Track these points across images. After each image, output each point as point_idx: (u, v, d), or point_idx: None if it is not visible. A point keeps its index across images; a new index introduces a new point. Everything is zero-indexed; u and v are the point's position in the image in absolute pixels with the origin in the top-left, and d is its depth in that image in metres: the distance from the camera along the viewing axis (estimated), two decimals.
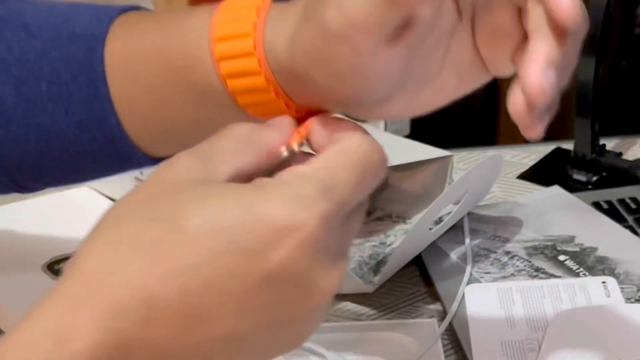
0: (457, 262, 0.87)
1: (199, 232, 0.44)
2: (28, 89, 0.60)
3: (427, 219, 0.83)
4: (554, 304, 0.78)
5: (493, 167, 0.91)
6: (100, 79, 0.59)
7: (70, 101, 0.60)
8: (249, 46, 0.53)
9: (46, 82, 0.60)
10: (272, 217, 0.45)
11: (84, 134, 0.60)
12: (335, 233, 0.47)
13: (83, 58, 0.60)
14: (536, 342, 0.74)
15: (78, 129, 0.60)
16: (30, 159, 0.62)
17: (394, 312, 0.85)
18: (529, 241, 0.89)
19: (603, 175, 1.04)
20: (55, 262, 0.85)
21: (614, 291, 0.80)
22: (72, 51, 0.60)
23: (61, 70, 0.60)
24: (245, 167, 0.48)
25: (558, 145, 1.11)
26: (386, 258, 0.88)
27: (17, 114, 0.61)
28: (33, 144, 0.61)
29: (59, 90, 0.60)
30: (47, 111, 0.60)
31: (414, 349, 0.76)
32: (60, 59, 0.60)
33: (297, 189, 0.46)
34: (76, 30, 0.60)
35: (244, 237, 0.44)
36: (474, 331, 0.76)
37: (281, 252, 0.45)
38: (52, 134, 0.61)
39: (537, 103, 0.48)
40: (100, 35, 0.60)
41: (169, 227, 0.45)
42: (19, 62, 0.61)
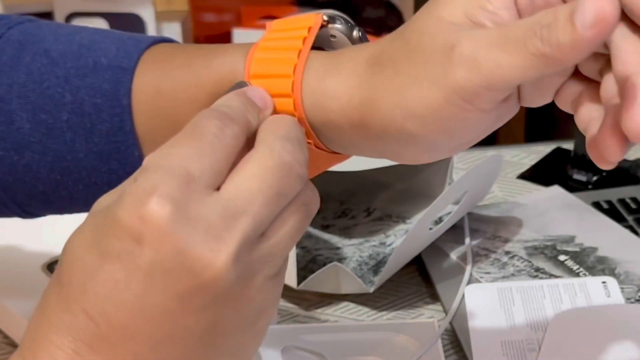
0: (457, 262, 0.87)
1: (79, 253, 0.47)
2: (47, 116, 0.59)
3: (427, 219, 0.83)
4: (554, 304, 0.78)
5: (493, 167, 0.91)
6: (126, 112, 0.58)
7: (92, 132, 0.58)
8: (286, 87, 0.53)
9: (67, 112, 0.58)
10: (123, 219, 0.46)
11: (102, 165, 0.59)
12: (196, 203, 0.46)
13: (109, 89, 0.58)
14: (536, 342, 0.74)
15: (97, 160, 0.59)
16: (42, 187, 0.60)
17: (394, 312, 0.85)
18: (529, 241, 0.89)
19: (603, 175, 1.04)
20: (55, 262, 0.84)
21: (614, 291, 0.80)
22: (97, 82, 0.58)
23: (84, 100, 0.58)
24: None
25: (558, 145, 1.11)
26: (386, 258, 0.88)
27: (32, 140, 0.59)
28: (47, 172, 0.60)
29: (80, 120, 0.58)
30: (65, 140, 0.59)
31: (414, 349, 0.76)
32: (84, 89, 0.58)
33: (140, 183, 0.46)
34: (102, 61, 0.59)
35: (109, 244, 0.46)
36: (474, 331, 0.76)
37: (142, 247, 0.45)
38: (69, 162, 0.59)
39: None
40: (129, 67, 0.58)
41: (61, 260, 0.48)
42: (38, 88, 0.59)
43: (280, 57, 0.53)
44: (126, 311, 0.46)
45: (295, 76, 0.53)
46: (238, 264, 0.46)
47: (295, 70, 0.53)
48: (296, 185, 0.49)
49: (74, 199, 0.61)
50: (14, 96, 0.59)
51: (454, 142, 0.52)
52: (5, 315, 0.81)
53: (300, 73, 0.53)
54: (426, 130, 0.50)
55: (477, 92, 0.48)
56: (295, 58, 0.53)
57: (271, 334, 0.64)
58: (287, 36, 0.54)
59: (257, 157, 0.48)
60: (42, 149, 0.59)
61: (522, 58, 0.46)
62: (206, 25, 1.70)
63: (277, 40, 0.54)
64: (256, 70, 0.54)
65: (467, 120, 0.49)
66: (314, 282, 0.84)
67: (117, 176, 0.60)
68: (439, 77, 0.48)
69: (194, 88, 0.56)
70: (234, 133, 0.48)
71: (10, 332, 0.81)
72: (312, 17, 0.55)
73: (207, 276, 0.46)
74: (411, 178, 0.96)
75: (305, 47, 0.53)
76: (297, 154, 0.49)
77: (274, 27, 0.55)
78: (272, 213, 0.48)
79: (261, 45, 0.54)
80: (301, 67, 0.53)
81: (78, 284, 0.47)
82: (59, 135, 0.59)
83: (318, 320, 0.84)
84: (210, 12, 1.71)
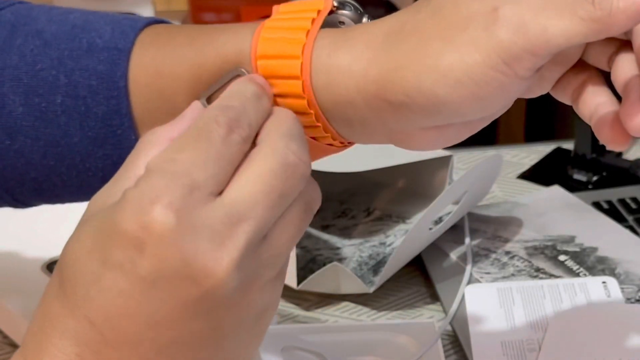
0: (457, 262, 0.87)
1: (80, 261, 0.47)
2: (40, 100, 0.58)
3: (427, 219, 0.83)
4: (554, 304, 0.78)
5: (493, 167, 0.91)
6: (123, 95, 0.57)
7: (87, 115, 0.57)
8: (295, 69, 0.52)
9: (61, 95, 0.57)
10: (124, 227, 0.45)
11: (97, 150, 0.58)
12: (198, 211, 0.46)
13: (104, 71, 0.57)
14: (536, 342, 0.74)
15: (92, 145, 0.58)
16: (34, 173, 0.59)
17: (394, 312, 0.85)
18: (529, 241, 0.89)
19: (603, 175, 1.04)
20: (55, 262, 0.84)
21: (614, 291, 0.80)
22: (92, 63, 0.57)
23: (79, 83, 0.57)
24: None
25: (558, 145, 1.11)
26: (386, 258, 0.88)
27: (25, 124, 0.58)
28: (40, 157, 0.59)
29: (74, 103, 0.57)
30: (59, 124, 0.58)
31: (414, 349, 0.76)
32: (79, 71, 0.57)
33: (143, 188, 0.46)
34: (97, 42, 0.57)
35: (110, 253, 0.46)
36: (474, 331, 0.76)
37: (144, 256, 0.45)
38: (62, 148, 0.58)
39: None
40: (125, 48, 0.57)
41: (61, 266, 0.48)
42: (31, 70, 0.58)
43: (288, 36, 0.52)
44: (130, 319, 0.46)
45: (304, 57, 0.52)
46: (241, 269, 0.46)
47: (304, 51, 0.52)
48: (299, 185, 0.48)
49: (66, 186, 0.60)
50: (6, 79, 0.58)
51: (479, 112, 0.51)
52: (5, 315, 0.81)
53: (309, 53, 0.52)
54: (457, 95, 0.50)
55: (520, 55, 0.48)
56: (304, 38, 0.52)
57: (271, 334, 0.64)
58: (296, 17, 0.53)
59: (260, 159, 0.48)
60: (35, 133, 0.58)
61: (571, 22, 0.47)
62: None
63: (285, 21, 0.53)
64: (263, 51, 0.53)
65: (501, 87, 0.49)
66: (314, 282, 0.84)
67: (112, 161, 0.58)
68: (480, 39, 0.49)
69: (197, 67, 0.55)
70: (241, 139, 0.48)
71: (10, 332, 0.81)
72: (321, 1, 0.54)
73: (210, 284, 0.46)
74: (411, 178, 0.96)
75: (313, 27, 0.53)
76: (301, 153, 0.48)
77: (282, 9, 0.54)
78: (275, 215, 0.47)
79: (268, 25, 0.53)
80: (310, 47, 0.52)
81: (82, 291, 0.47)
82: (53, 119, 0.58)
83: (318, 320, 0.84)
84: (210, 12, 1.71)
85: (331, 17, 0.55)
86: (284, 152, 0.48)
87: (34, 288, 0.82)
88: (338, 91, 0.52)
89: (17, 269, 0.84)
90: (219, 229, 0.46)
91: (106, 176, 0.57)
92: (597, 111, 0.51)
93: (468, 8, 0.49)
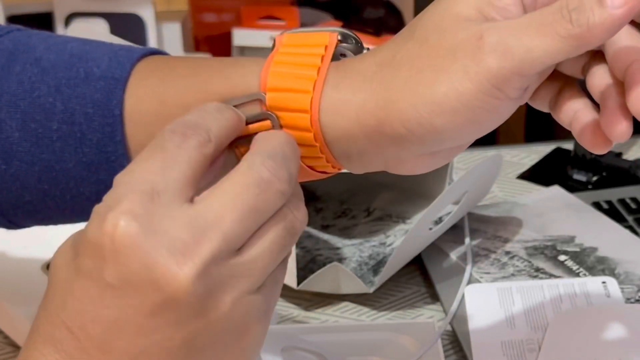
0: (457, 262, 0.87)
1: (60, 269, 0.49)
2: (37, 125, 0.59)
3: (427, 219, 0.83)
4: (554, 304, 0.78)
5: (493, 167, 0.91)
6: (118, 122, 0.58)
7: (82, 142, 0.58)
8: (305, 103, 0.53)
9: (57, 121, 0.58)
10: (89, 235, 0.47)
11: (91, 176, 0.59)
12: (160, 216, 0.47)
13: (101, 100, 0.58)
14: (536, 342, 0.74)
15: (86, 170, 0.59)
16: (29, 197, 0.60)
17: (394, 312, 0.85)
18: (529, 241, 0.89)
19: (603, 175, 1.04)
20: None
21: (614, 291, 0.80)
22: (88, 91, 0.58)
23: (75, 110, 0.58)
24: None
25: (558, 145, 1.11)
26: (386, 258, 0.88)
27: (21, 149, 0.59)
28: (35, 181, 0.60)
29: (70, 129, 0.58)
30: (54, 150, 0.59)
31: (414, 349, 0.76)
32: (75, 98, 0.58)
33: (108, 196, 0.48)
34: (94, 71, 0.59)
35: (81, 262, 0.48)
36: (474, 331, 0.76)
37: (108, 263, 0.47)
38: (57, 172, 0.59)
39: None
40: (121, 77, 0.58)
41: (49, 282, 0.50)
42: (29, 97, 0.59)
43: (300, 72, 0.53)
44: (102, 326, 0.47)
45: (315, 92, 0.53)
46: (206, 278, 0.47)
47: (315, 87, 0.53)
48: (276, 201, 0.49)
49: (60, 209, 0.61)
50: (3, 104, 0.59)
51: (476, 135, 0.53)
52: (5, 316, 0.81)
53: (319, 89, 0.53)
54: (454, 123, 0.51)
55: (508, 78, 0.50)
56: (315, 74, 0.53)
57: (271, 334, 0.64)
58: (305, 52, 0.54)
59: (235, 174, 0.49)
60: (30, 158, 0.59)
61: (553, 41, 0.49)
62: (206, 25, 1.70)
63: (294, 56, 0.54)
64: (273, 84, 0.54)
65: (495, 110, 0.51)
66: (314, 282, 0.84)
67: (105, 186, 0.59)
68: (470, 67, 0.50)
69: (205, 94, 0.56)
70: (197, 142, 0.49)
71: (10, 332, 0.81)
72: (327, 35, 0.55)
73: (173, 290, 0.46)
74: (411, 178, 0.96)
75: (324, 64, 0.54)
76: (278, 170, 0.49)
77: (286, 41, 0.55)
78: (246, 229, 0.48)
79: (277, 60, 0.54)
80: (320, 83, 0.53)
81: (59, 299, 0.48)
82: (49, 144, 0.59)
83: (318, 320, 0.84)
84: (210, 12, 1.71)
85: (335, 50, 0.55)
86: (259, 168, 0.49)
87: (34, 288, 0.82)
88: (342, 125, 0.53)
89: (17, 269, 0.84)
90: (182, 235, 0.46)
91: (100, 200, 0.59)
92: (576, 118, 0.53)
93: (454, 37, 0.51)
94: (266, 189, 0.48)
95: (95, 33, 1.41)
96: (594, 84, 0.52)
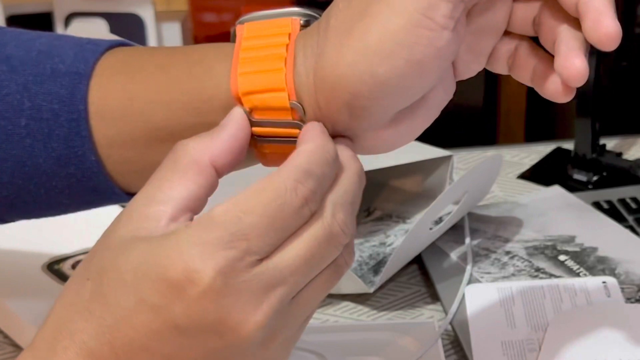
0: (457, 262, 0.87)
1: (116, 289, 0.48)
2: (6, 122, 0.59)
3: (427, 219, 0.83)
4: (554, 304, 0.78)
5: (493, 167, 0.91)
6: (82, 117, 0.58)
7: (50, 137, 0.59)
8: (284, 101, 0.53)
9: (26, 118, 0.59)
10: (169, 272, 0.47)
11: (61, 170, 0.60)
12: (244, 276, 0.47)
13: (65, 95, 0.59)
14: (536, 342, 0.74)
15: (56, 165, 0.60)
16: (6, 192, 0.61)
17: (394, 312, 0.85)
18: (529, 241, 0.89)
19: (603, 175, 1.04)
20: (55, 262, 0.85)
21: (614, 291, 0.80)
22: (54, 88, 0.59)
23: (42, 106, 0.59)
24: (191, 194, 0.50)
25: (558, 145, 1.11)
26: (386, 258, 0.88)
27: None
28: (9, 177, 0.60)
29: (38, 126, 0.59)
30: (24, 146, 0.60)
31: (414, 349, 0.76)
32: (42, 95, 0.59)
33: (201, 235, 0.47)
34: (60, 67, 0.59)
35: (149, 294, 0.47)
36: (474, 331, 0.76)
37: (182, 305, 0.47)
38: (29, 168, 0.60)
39: None
40: (85, 73, 0.59)
41: (96, 287, 0.49)
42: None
43: (267, 67, 0.53)
44: (151, 357, 0.48)
45: (288, 87, 0.53)
46: (266, 328, 0.48)
47: (287, 81, 0.53)
48: (337, 253, 0.50)
49: (37, 203, 0.62)
50: None
51: (423, 81, 0.52)
52: (5, 316, 0.81)
53: (291, 83, 0.53)
54: (395, 67, 0.50)
55: (435, 3, 0.50)
56: (283, 67, 0.53)
57: None
58: (268, 43, 0.54)
59: (308, 226, 0.49)
60: (2, 154, 0.60)
61: None
62: (206, 25, 1.70)
63: (258, 50, 0.54)
64: (246, 87, 0.53)
65: (431, 44, 0.50)
66: None
67: (76, 180, 0.60)
68: (395, 2, 0.50)
69: (173, 93, 0.57)
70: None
71: (10, 332, 0.81)
72: (289, 23, 0.55)
73: (234, 338, 0.48)
74: (411, 178, 0.96)
75: (289, 54, 0.53)
76: (347, 222, 0.50)
77: (248, 34, 0.55)
78: (308, 279, 0.49)
79: (243, 58, 0.54)
80: (291, 77, 0.53)
81: (111, 320, 0.48)
82: (19, 140, 0.60)
83: (318, 320, 0.84)
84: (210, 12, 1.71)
85: None
86: (329, 222, 0.49)
87: (35, 288, 0.82)
88: (319, 105, 0.53)
89: (18, 269, 0.84)
90: (257, 292, 0.47)
91: (72, 194, 0.61)
92: (535, 72, 0.54)
93: None
94: (334, 243, 0.50)
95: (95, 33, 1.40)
96: (544, 34, 0.53)
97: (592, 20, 0.50)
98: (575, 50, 0.51)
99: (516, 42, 0.54)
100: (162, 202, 0.49)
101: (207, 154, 0.51)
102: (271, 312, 0.48)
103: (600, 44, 0.50)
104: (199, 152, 0.51)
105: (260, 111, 0.53)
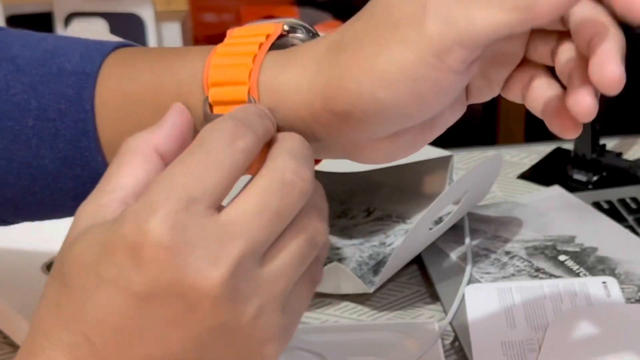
0: (457, 262, 0.87)
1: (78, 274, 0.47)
2: (13, 123, 0.59)
3: (427, 219, 0.83)
4: (554, 304, 0.78)
5: (493, 167, 0.91)
6: (89, 117, 0.58)
7: (56, 138, 0.59)
8: (242, 94, 0.53)
9: (32, 118, 0.59)
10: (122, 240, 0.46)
11: (67, 171, 0.60)
12: (194, 229, 0.46)
13: (72, 95, 0.59)
14: (536, 342, 0.74)
15: (62, 166, 0.59)
16: (10, 193, 0.61)
17: (394, 312, 0.85)
18: (529, 241, 0.89)
19: (603, 175, 1.04)
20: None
21: (614, 291, 0.80)
22: (61, 88, 0.59)
23: (49, 106, 0.59)
24: (139, 180, 0.49)
25: (558, 145, 1.11)
26: (386, 258, 0.88)
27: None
28: (14, 178, 0.60)
29: (45, 126, 0.59)
30: (31, 146, 0.59)
31: (414, 349, 0.76)
32: (49, 95, 0.59)
33: (145, 200, 0.46)
34: (66, 67, 0.59)
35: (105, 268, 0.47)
36: (474, 331, 0.76)
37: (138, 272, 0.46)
38: (35, 169, 0.60)
39: None
40: (92, 72, 0.59)
41: (60, 280, 0.48)
42: (4, 95, 0.59)
43: (236, 62, 0.53)
44: (123, 335, 0.47)
45: (251, 81, 0.53)
46: (229, 286, 0.46)
47: (251, 75, 0.53)
48: (297, 203, 0.48)
49: (42, 205, 0.61)
50: None
51: (422, 113, 0.52)
52: (5, 315, 0.81)
53: (255, 78, 0.53)
54: (396, 95, 0.50)
55: (450, 47, 0.49)
56: (250, 63, 0.53)
57: None
58: (245, 42, 0.54)
59: (258, 177, 0.48)
60: (8, 155, 0.60)
61: (498, 13, 0.48)
62: (206, 25, 1.70)
63: (235, 46, 0.54)
64: (214, 78, 0.54)
65: (437, 83, 0.50)
66: None
67: (82, 181, 0.60)
68: (411, 37, 0.49)
69: (158, 92, 0.57)
70: (245, 146, 0.48)
71: (10, 332, 0.81)
72: (272, 26, 0.55)
73: (196, 296, 0.46)
74: (411, 178, 0.96)
75: (260, 51, 0.54)
76: (300, 171, 0.49)
77: (234, 33, 0.56)
78: (270, 234, 0.48)
79: (219, 51, 0.54)
80: (256, 72, 0.53)
81: (77, 304, 0.47)
82: (25, 141, 0.59)
83: (318, 320, 0.84)
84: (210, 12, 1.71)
85: (283, 41, 0.56)
86: (281, 170, 0.48)
87: (34, 288, 0.82)
88: (287, 107, 0.53)
89: (17, 269, 0.84)
90: (211, 247, 0.46)
91: (78, 196, 0.59)
92: (547, 104, 0.53)
93: (400, 10, 0.50)
94: (290, 191, 0.48)
95: (95, 33, 1.41)
96: (560, 65, 0.52)
97: (598, 62, 0.49)
98: (588, 88, 0.50)
99: (532, 73, 0.54)
100: (112, 191, 0.49)
101: (150, 143, 0.50)
102: (232, 267, 0.46)
103: (602, 87, 0.49)
104: (141, 143, 0.50)
105: (220, 106, 0.54)
